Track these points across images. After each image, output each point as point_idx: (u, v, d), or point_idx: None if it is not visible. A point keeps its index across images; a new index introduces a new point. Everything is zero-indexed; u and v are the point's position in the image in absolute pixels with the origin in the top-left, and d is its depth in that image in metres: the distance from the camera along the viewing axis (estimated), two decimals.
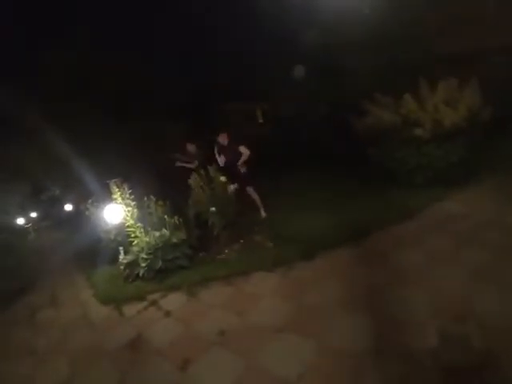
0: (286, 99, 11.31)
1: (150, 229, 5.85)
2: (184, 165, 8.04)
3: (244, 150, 6.61)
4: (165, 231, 5.75)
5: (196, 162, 7.92)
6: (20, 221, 18.17)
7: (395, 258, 3.91)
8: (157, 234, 5.68)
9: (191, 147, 8.14)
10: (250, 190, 6.81)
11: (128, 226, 5.69)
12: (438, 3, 7.01)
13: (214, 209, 5.65)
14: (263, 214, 6.81)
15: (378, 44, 7.93)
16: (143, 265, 5.20)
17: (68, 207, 17.02)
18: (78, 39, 12.16)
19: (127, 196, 5.72)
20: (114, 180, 5.70)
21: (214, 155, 6.80)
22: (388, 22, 7.56)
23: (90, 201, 7.14)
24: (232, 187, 5.99)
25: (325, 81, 9.40)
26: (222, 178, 5.89)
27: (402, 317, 2.88)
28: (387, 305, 3.10)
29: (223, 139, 6.73)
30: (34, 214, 20.87)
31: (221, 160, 6.67)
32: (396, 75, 7.60)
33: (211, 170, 5.94)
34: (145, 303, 4.58)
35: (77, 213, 12.94)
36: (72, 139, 10.90)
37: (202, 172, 5.95)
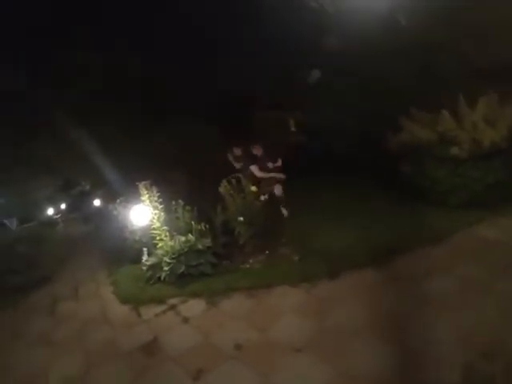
0: (318, 110, 11.19)
1: (175, 233, 5.86)
2: (232, 162, 8.18)
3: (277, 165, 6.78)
4: (190, 237, 5.74)
5: (241, 165, 8.06)
6: (50, 212, 18.73)
7: (423, 284, 3.70)
8: (182, 238, 5.68)
9: (237, 151, 8.26)
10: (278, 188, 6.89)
11: (154, 229, 5.72)
12: (479, 9, 6.72)
13: (241, 218, 5.60)
14: (285, 212, 6.94)
15: (412, 54, 7.76)
16: (166, 268, 5.20)
17: (96, 203, 17.41)
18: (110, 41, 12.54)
19: (155, 199, 5.76)
20: (143, 182, 5.76)
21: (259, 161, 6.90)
22: (423, 30, 7.36)
23: (118, 200, 7.23)
24: (263, 198, 5.93)
25: (357, 92, 9.27)
26: (253, 188, 5.84)
27: (426, 348, 2.71)
28: (411, 334, 2.94)
29: (257, 151, 6.78)
30: (63, 206, 21.48)
31: (255, 169, 6.79)
32: (432, 88, 7.43)
33: (242, 178, 5.89)
34: (164, 307, 4.55)
35: (105, 209, 13.18)
36: (106, 139, 11.18)
37: (234, 180, 5.90)
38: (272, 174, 6.90)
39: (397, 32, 7.62)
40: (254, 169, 6.70)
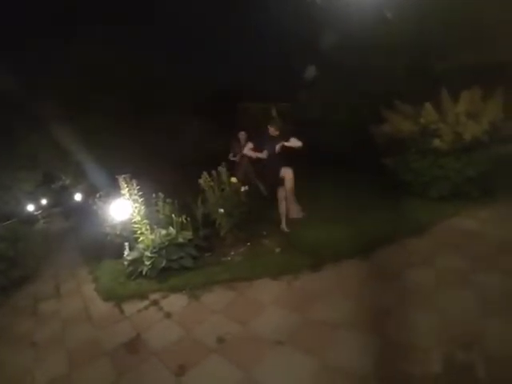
0: (306, 101, 11.19)
1: (156, 226, 5.84)
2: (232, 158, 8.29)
3: (295, 142, 6.08)
4: (171, 230, 5.73)
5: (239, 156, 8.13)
6: (30, 208, 18.41)
7: (404, 276, 3.78)
8: (163, 232, 5.66)
9: (242, 135, 8.38)
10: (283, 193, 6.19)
11: (134, 223, 5.69)
12: (466, 9, 6.78)
13: (222, 210, 5.59)
14: (284, 227, 6.04)
15: (399, 49, 7.80)
16: (147, 263, 5.17)
17: (77, 197, 17.17)
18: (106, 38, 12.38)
19: (135, 192, 5.71)
20: (123, 175, 5.70)
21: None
22: (411, 27, 7.40)
23: (98, 194, 7.15)
24: (243, 189, 5.89)
25: (344, 84, 9.29)
26: (233, 179, 5.82)
27: (407, 339, 2.78)
28: (392, 325, 3.01)
29: (273, 131, 6.28)
30: (43, 202, 21.12)
31: (264, 153, 6.18)
32: (417, 82, 7.48)
33: (221, 169, 5.85)
34: (146, 302, 4.56)
35: (85, 204, 13.04)
36: (88, 134, 11.06)
37: (214, 172, 5.85)
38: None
39: (387, 28, 7.67)
40: (294, 141, 6.09)
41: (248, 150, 6.36)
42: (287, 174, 6.09)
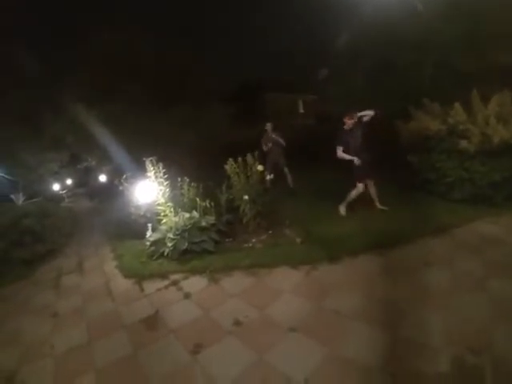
0: (332, 95, 11.08)
1: (180, 209, 5.88)
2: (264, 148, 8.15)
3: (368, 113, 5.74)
4: (195, 213, 5.77)
5: (269, 145, 8.08)
6: (56, 187, 18.84)
7: (421, 276, 3.73)
8: (186, 215, 5.71)
9: (268, 126, 8.28)
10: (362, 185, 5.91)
11: (159, 205, 5.75)
12: (498, 5, 6.53)
13: (246, 197, 5.59)
14: (379, 205, 6.09)
15: (428, 45, 7.61)
16: (169, 244, 5.24)
17: (102, 178, 17.48)
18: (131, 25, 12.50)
19: (161, 175, 5.77)
20: (150, 158, 5.76)
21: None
22: (440, 23, 7.20)
23: (124, 176, 7.25)
24: (268, 177, 5.87)
25: (371, 79, 9.14)
26: (260, 167, 5.80)
27: (418, 337, 2.75)
28: (405, 322, 2.97)
29: (350, 119, 5.79)
30: (69, 182, 21.61)
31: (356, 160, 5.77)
32: (445, 80, 7.29)
33: (249, 156, 5.84)
34: (166, 282, 4.62)
35: (110, 185, 13.26)
36: (114, 119, 11.21)
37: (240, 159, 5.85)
38: None
39: (414, 24, 7.48)
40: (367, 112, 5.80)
41: (340, 152, 5.96)
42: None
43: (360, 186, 5.86)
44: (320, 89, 13.11)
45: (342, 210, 6.15)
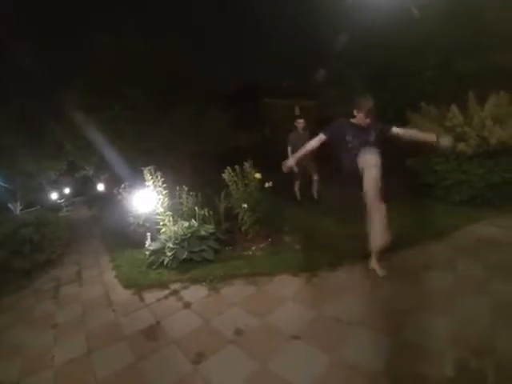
0: (331, 99, 11.12)
1: (179, 218, 5.90)
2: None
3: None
4: (194, 222, 5.79)
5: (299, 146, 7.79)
6: (54, 196, 18.83)
7: (422, 280, 3.76)
8: (185, 224, 5.72)
9: (300, 123, 7.99)
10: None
11: (157, 214, 5.76)
12: (494, 8, 6.62)
13: (245, 205, 5.61)
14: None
15: (426, 49, 7.69)
16: (169, 254, 5.24)
17: (100, 187, 17.48)
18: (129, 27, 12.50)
19: (159, 184, 5.78)
20: (148, 167, 5.78)
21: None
22: (441, 26, 7.28)
23: (123, 185, 7.26)
24: (267, 185, 5.87)
25: (371, 83, 9.20)
26: (257, 175, 5.82)
27: (421, 342, 2.75)
28: (407, 327, 2.98)
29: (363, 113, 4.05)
30: (67, 191, 21.59)
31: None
32: (443, 83, 7.36)
33: (246, 164, 5.87)
34: (166, 291, 4.61)
35: (108, 193, 13.27)
36: (110, 125, 11.18)
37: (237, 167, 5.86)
38: None
39: (414, 27, 7.55)
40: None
41: None
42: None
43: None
44: (318, 94, 13.15)
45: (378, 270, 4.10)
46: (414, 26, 7.73)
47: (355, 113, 4.13)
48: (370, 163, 3.90)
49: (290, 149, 7.60)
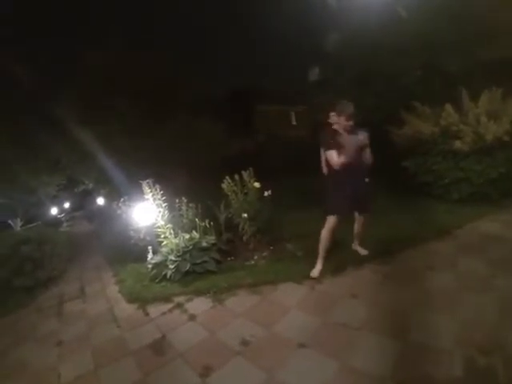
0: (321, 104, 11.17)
1: (180, 231, 5.90)
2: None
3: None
4: (195, 234, 5.79)
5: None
6: (54, 211, 18.81)
7: (425, 280, 3.78)
8: (186, 236, 5.73)
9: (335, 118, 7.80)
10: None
11: (158, 227, 5.76)
12: (482, 6, 6.67)
13: (245, 215, 5.62)
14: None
15: (413, 48, 7.72)
16: (171, 266, 5.24)
17: (100, 201, 17.47)
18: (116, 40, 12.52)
19: (159, 197, 5.79)
20: (146, 180, 5.79)
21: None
22: (427, 25, 7.31)
23: (122, 199, 7.26)
24: (266, 193, 5.86)
25: (358, 84, 9.23)
26: (256, 184, 5.82)
27: (428, 342, 2.76)
28: (414, 328, 2.99)
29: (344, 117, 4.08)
30: (67, 205, 21.59)
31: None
32: (433, 82, 7.40)
33: (245, 174, 5.88)
34: (170, 305, 4.60)
35: (108, 208, 13.27)
36: (105, 138, 11.18)
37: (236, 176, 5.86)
38: None
39: (400, 28, 7.59)
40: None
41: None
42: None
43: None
44: (309, 98, 13.20)
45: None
46: (401, 26, 7.76)
47: (335, 118, 4.23)
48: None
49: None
